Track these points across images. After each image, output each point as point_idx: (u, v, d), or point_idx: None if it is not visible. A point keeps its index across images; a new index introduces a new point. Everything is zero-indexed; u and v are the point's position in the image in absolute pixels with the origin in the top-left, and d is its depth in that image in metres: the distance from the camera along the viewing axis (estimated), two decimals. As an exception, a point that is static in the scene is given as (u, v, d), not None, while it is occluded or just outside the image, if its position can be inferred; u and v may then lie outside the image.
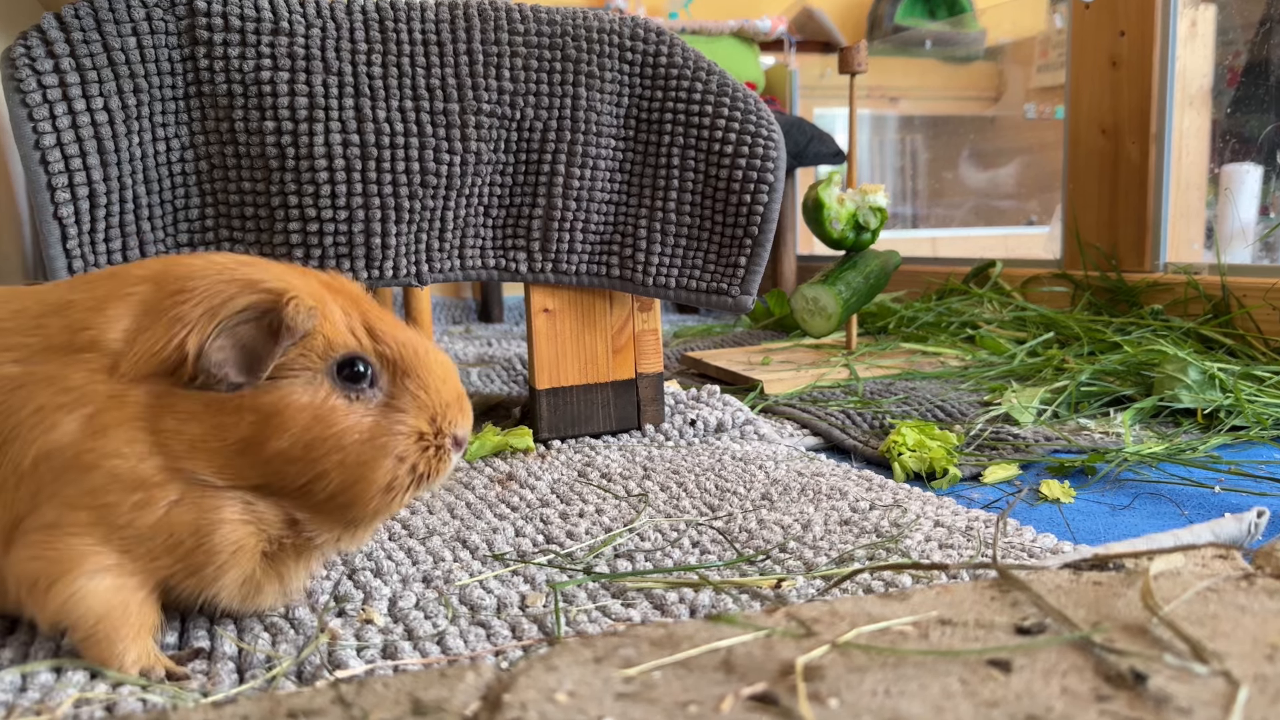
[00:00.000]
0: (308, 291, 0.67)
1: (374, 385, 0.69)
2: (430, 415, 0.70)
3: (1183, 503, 1.08)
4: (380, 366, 0.70)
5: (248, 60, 1.11)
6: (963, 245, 3.59)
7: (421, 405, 0.70)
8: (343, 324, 0.69)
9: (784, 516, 0.99)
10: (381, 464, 0.68)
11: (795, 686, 0.56)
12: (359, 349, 0.69)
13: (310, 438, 0.66)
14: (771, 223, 1.30)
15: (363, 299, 0.73)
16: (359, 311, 0.71)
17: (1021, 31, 3.87)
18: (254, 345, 0.64)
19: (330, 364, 0.67)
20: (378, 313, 0.72)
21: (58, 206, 1.03)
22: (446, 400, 0.71)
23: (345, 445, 0.66)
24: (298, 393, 0.66)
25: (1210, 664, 0.58)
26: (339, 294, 0.71)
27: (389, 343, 0.70)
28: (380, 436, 0.68)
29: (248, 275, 0.67)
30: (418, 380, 0.70)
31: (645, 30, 1.29)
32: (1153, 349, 1.59)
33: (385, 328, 0.71)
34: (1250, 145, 2.17)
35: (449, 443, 0.71)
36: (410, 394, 0.70)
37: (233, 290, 0.65)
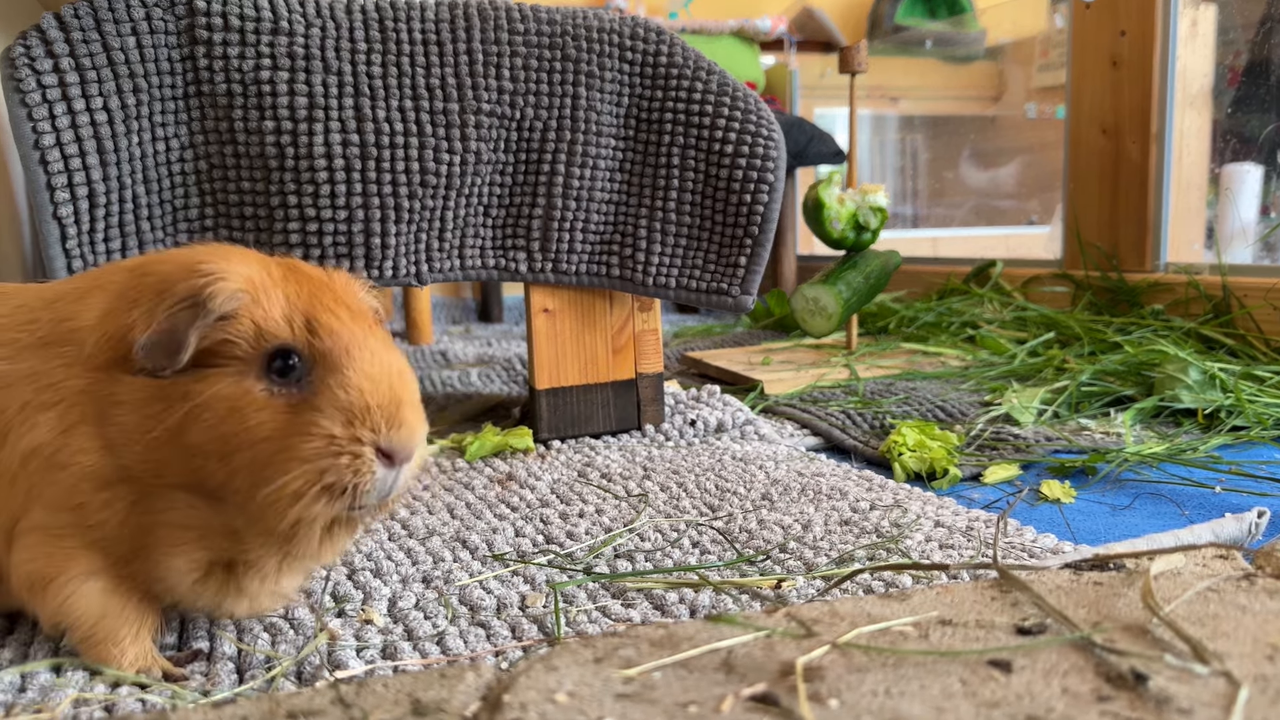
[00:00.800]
0: (244, 277, 0.64)
1: (301, 381, 0.64)
2: (347, 418, 0.63)
3: (1183, 503, 1.08)
4: (311, 361, 0.64)
5: (247, 60, 1.11)
6: (963, 245, 3.58)
7: (339, 406, 0.63)
8: (280, 314, 0.64)
9: (784, 517, 0.99)
10: (284, 466, 0.61)
11: (795, 687, 0.56)
12: (290, 340, 0.64)
13: (223, 430, 0.62)
14: (772, 222, 1.30)
15: (325, 290, 0.68)
16: (308, 302, 0.66)
17: (1022, 31, 3.87)
18: (180, 329, 0.61)
19: (260, 355, 0.63)
20: (331, 304, 0.66)
21: (57, 206, 1.03)
22: (371, 404, 0.63)
23: (254, 442, 0.62)
24: (222, 383, 0.62)
25: (1211, 664, 0.58)
26: (297, 284, 0.67)
27: (322, 335, 0.64)
28: (290, 436, 0.62)
29: (193, 261, 0.65)
30: (342, 378, 0.63)
31: (645, 30, 1.29)
32: (1153, 349, 1.59)
33: (327, 320, 0.65)
34: (1251, 145, 2.17)
35: (368, 452, 0.63)
36: (330, 393, 0.63)
37: (179, 275, 0.64)
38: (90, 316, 0.65)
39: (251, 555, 0.66)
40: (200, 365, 0.62)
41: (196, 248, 0.69)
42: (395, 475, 0.64)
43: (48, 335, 0.66)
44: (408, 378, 0.67)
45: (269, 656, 0.70)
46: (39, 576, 0.64)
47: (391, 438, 0.63)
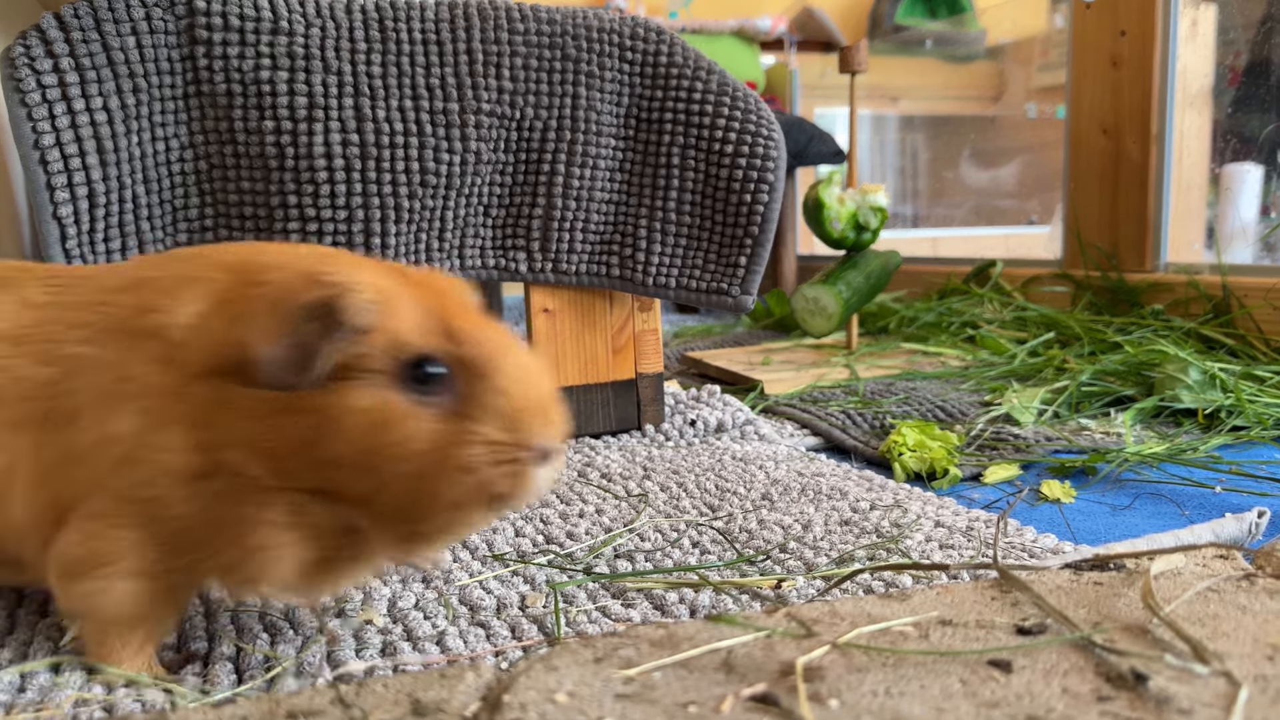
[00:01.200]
0: (374, 287, 0.62)
1: (447, 390, 0.62)
2: (505, 423, 0.62)
3: (1183, 503, 1.08)
4: (455, 369, 0.62)
5: (247, 60, 1.11)
6: (963, 245, 3.58)
7: (496, 411, 0.62)
8: (414, 322, 0.62)
9: (784, 517, 0.99)
10: (448, 476, 0.60)
11: (795, 687, 0.56)
12: (430, 349, 0.62)
13: (369, 445, 0.60)
14: (772, 222, 1.30)
15: (450, 295, 0.66)
16: (440, 309, 0.64)
17: (1022, 31, 3.87)
18: (310, 344, 0.59)
19: (398, 366, 0.61)
20: (463, 311, 0.65)
21: (57, 206, 1.03)
22: (524, 406, 0.63)
23: (407, 455, 0.60)
24: (359, 396, 0.60)
25: (1211, 664, 0.58)
26: (423, 290, 0.65)
27: (464, 341, 0.63)
28: (448, 446, 0.60)
29: (316, 269, 0.63)
30: (493, 384, 0.62)
31: (645, 29, 1.29)
32: (1153, 349, 1.59)
33: (466, 327, 0.64)
34: (1251, 145, 2.17)
35: (528, 456, 0.62)
36: (484, 399, 0.62)
37: (300, 285, 0.61)
38: (184, 315, 0.63)
39: (378, 550, 0.65)
40: (330, 378, 0.60)
41: (303, 251, 0.67)
42: (549, 471, 0.65)
43: (128, 323, 0.64)
44: (546, 373, 0.67)
45: (268, 656, 0.70)
46: (81, 561, 0.63)
47: (548, 437, 0.63)
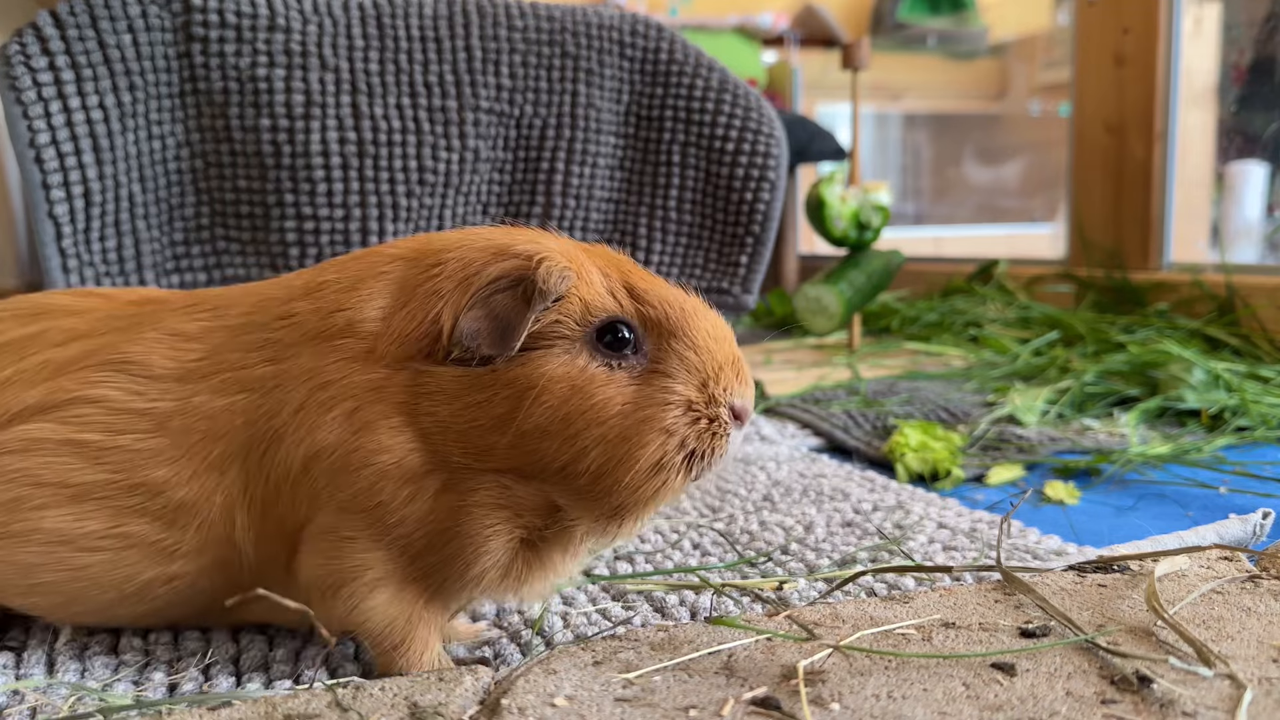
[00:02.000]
0: (562, 254, 0.62)
1: (638, 351, 0.62)
2: (701, 381, 0.62)
3: (1188, 504, 1.07)
4: (644, 330, 0.63)
5: (243, 57, 1.11)
6: (966, 243, 3.58)
7: (691, 369, 0.62)
8: (601, 286, 0.62)
9: (785, 518, 0.99)
10: (646, 438, 0.60)
11: (797, 690, 0.56)
12: (619, 312, 0.62)
13: (567, 411, 0.60)
14: (773, 221, 1.30)
15: (623, 261, 0.66)
16: (619, 273, 0.64)
17: (1025, 28, 3.86)
18: (506, 314, 0.59)
19: (589, 331, 0.61)
20: (640, 273, 0.65)
21: (52, 205, 1.03)
22: (720, 363, 0.63)
23: (606, 418, 0.60)
24: (554, 363, 0.60)
25: (1215, 667, 0.57)
26: (597, 257, 0.65)
27: (652, 303, 0.63)
28: (645, 407, 0.60)
29: (500, 242, 0.63)
30: (686, 341, 0.62)
31: (645, 26, 1.28)
32: (1157, 349, 1.58)
33: (649, 287, 0.64)
34: (1255, 143, 2.16)
35: (724, 414, 0.62)
36: (678, 358, 0.62)
37: (484, 259, 0.61)
38: (371, 309, 0.62)
39: (566, 529, 0.64)
40: (524, 348, 0.60)
41: (470, 230, 0.67)
42: (741, 435, 0.64)
43: (315, 330, 0.63)
44: (730, 332, 0.66)
45: (266, 659, 0.69)
46: (328, 582, 0.62)
47: (743, 394, 0.63)
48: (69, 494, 0.64)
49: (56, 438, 0.65)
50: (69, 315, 0.70)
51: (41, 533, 0.64)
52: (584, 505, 0.62)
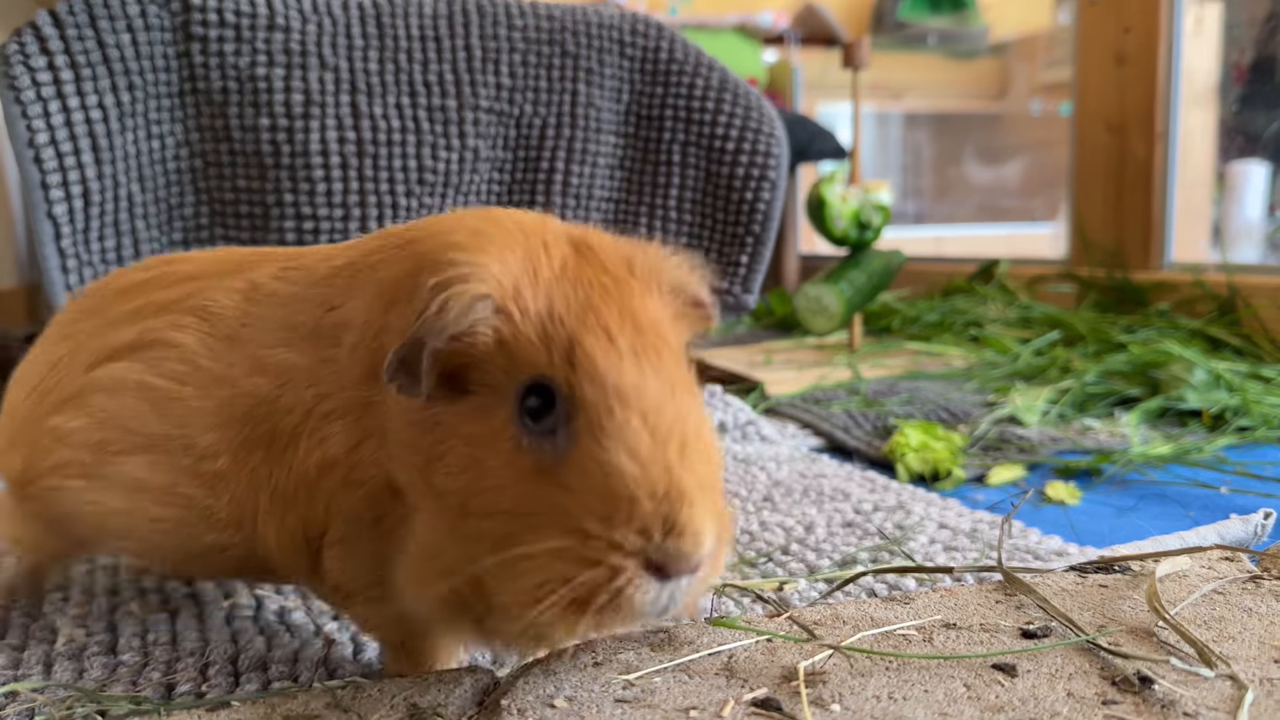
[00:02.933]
0: (494, 277, 0.49)
1: (557, 432, 0.48)
2: (604, 510, 0.46)
3: (1189, 504, 1.07)
4: (572, 405, 0.48)
5: (243, 56, 1.11)
6: (967, 243, 3.58)
7: (594, 490, 0.47)
8: (536, 331, 0.49)
9: (786, 518, 0.98)
10: (524, 562, 0.47)
11: (798, 691, 0.55)
12: (548, 370, 0.48)
13: (462, 484, 0.49)
14: (773, 220, 1.30)
15: (610, 293, 0.50)
16: (579, 315, 0.49)
17: (1026, 27, 3.86)
18: (418, 345, 0.48)
19: (519, 387, 0.49)
20: (612, 319, 0.49)
21: (51, 205, 1.03)
22: (641, 494, 0.46)
23: (491, 510, 0.48)
24: (464, 417, 0.49)
25: (1217, 667, 0.57)
26: (574, 284, 0.50)
27: (581, 372, 0.48)
28: (530, 513, 0.47)
29: (450, 244, 0.52)
30: (600, 448, 0.47)
31: (645, 25, 1.28)
32: (1158, 349, 1.58)
33: (594, 349, 0.48)
34: (1257, 143, 2.16)
35: (632, 565, 0.46)
36: (585, 467, 0.47)
37: (429, 265, 0.51)
38: (356, 310, 0.55)
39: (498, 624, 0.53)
40: (456, 387, 0.50)
41: (468, 216, 0.56)
42: (673, 590, 0.48)
43: (315, 326, 0.57)
44: (697, 449, 0.49)
45: (265, 660, 0.69)
46: (344, 589, 0.59)
47: (666, 547, 0.46)
48: (142, 442, 0.61)
49: (135, 378, 0.61)
50: (186, 262, 0.67)
51: (124, 479, 0.61)
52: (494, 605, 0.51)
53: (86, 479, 0.63)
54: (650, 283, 0.53)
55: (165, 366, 0.61)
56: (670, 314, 0.54)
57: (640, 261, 0.53)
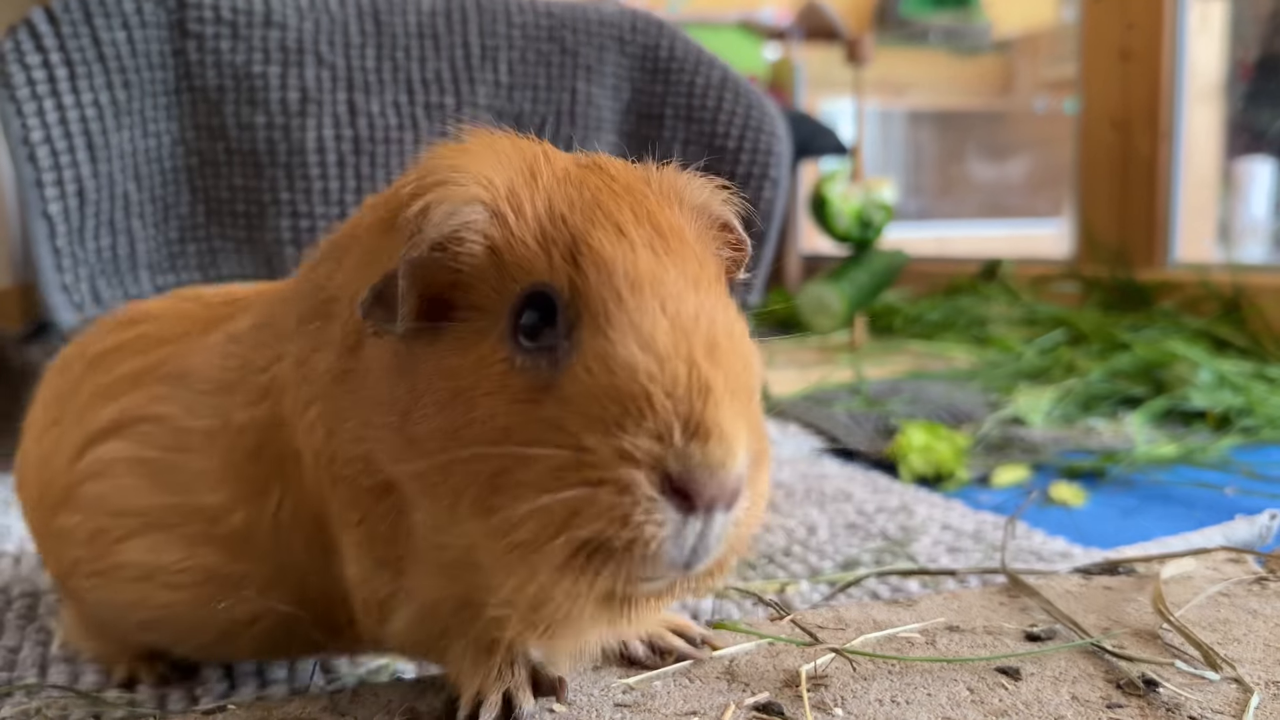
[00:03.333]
0: (482, 180, 0.43)
1: (556, 347, 0.41)
2: (606, 417, 0.38)
3: (1194, 505, 1.07)
4: (576, 311, 0.41)
5: (239, 54, 1.10)
6: (970, 241, 3.57)
7: (594, 393, 0.39)
8: (533, 234, 0.42)
9: (788, 520, 0.98)
10: (512, 493, 0.40)
11: (800, 695, 0.55)
12: (547, 276, 0.41)
13: (443, 424, 0.42)
14: (775, 218, 1.29)
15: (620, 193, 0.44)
16: (585, 213, 0.43)
17: (1030, 24, 3.86)
18: (394, 267, 0.43)
19: (513, 303, 0.42)
20: (622, 215, 0.43)
21: (46, 203, 1.02)
22: (655, 390, 0.38)
23: (482, 443, 0.40)
24: (448, 347, 0.43)
25: (1222, 670, 0.57)
26: (576, 186, 0.44)
27: (586, 266, 0.41)
28: (523, 440, 0.40)
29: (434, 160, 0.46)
30: (604, 344, 0.39)
31: (645, 22, 1.28)
32: (1163, 349, 1.57)
33: (601, 242, 0.41)
34: (1263, 140, 2.15)
35: (644, 482, 0.38)
36: (585, 369, 0.39)
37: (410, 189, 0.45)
38: (345, 278, 0.49)
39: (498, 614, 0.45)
40: (436, 319, 0.43)
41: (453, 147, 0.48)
42: (705, 529, 0.39)
43: (306, 310, 0.51)
44: (729, 350, 0.41)
45: (259, 663, 0.69)
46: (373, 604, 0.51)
47: (689, 456, 0.38)
48: (141, 523, 0.56)
49: (124, 456, 0.57)
50: (157, 321, 0.62)
51: (129, 567, 0.57)
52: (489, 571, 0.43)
53: (94, 575, 0.59)
54: (669, 197, 0.46)
55: (154, 440, 0.56)
56: (691, 230, 0.45)
57: (657, 177, 0.47)
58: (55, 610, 0.77)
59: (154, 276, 1.10)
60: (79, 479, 0.59)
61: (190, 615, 0.56)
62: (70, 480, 0.59)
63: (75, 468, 0.59)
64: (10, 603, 0.79)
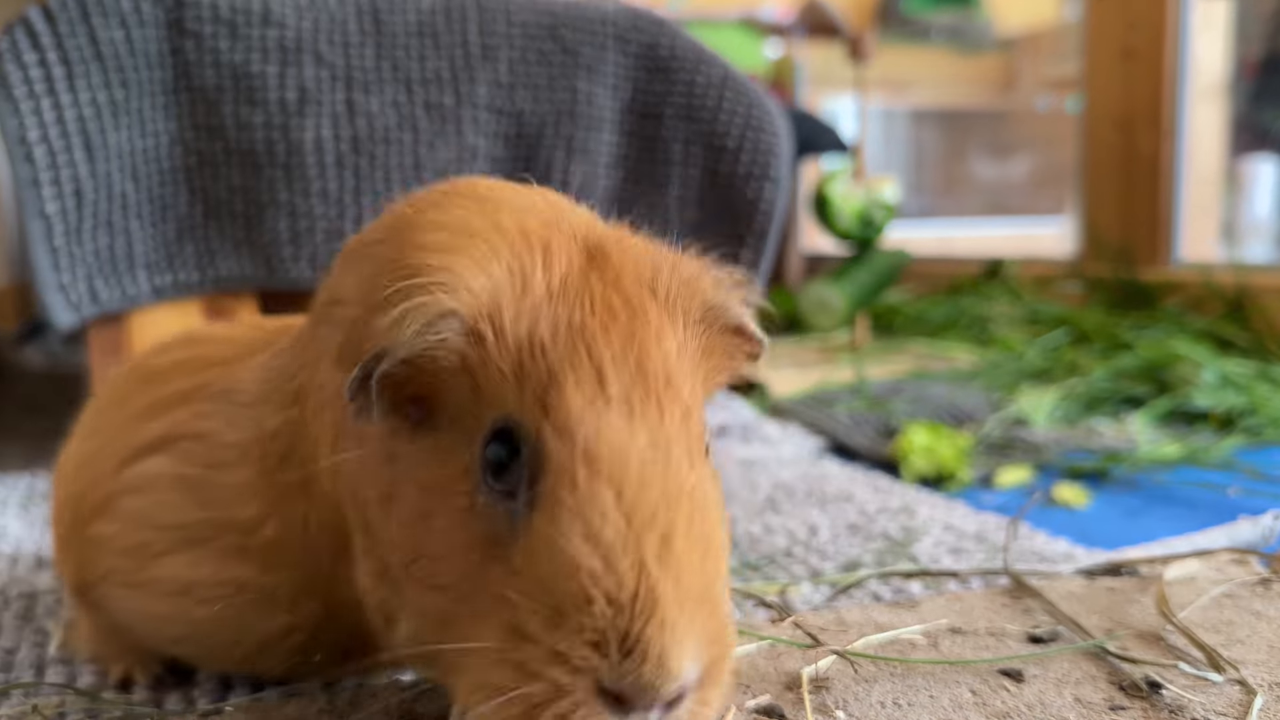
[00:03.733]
0: (471, 290, 0.40)
1: (517, 494, 0.39)
2: (550, 611, 0.37)
3: (1198, 506, 1.06)
4: (539, 462, 0.39)
5: (237, 53, 1.10)
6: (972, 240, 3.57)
7: (541, 582, 0.37)
8: (510, 364, 0.40)
9: (789, 521, 0.98)
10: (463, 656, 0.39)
11: (801, 698, 0.55)
12: (518, 414, 0.39)
13: (412, 541, 0.41)
14: (776, 217, 1.29)
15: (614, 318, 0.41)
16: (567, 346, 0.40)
17: (1032, 22, 3.86)
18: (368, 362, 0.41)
19: (481, 428, 0.40)
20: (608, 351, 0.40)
21: (44, 203, 1.02)
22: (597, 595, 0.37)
23: (436, 583, 0.40)
24: (428, 459, 0.41)
25: (1226, 672, 0.57)
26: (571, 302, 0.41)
27: (552, 420, 0.39)
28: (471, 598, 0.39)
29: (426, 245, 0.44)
30: (555, 526, 0.38)
31: (645, 19, 1.27)
32: (1167, 349, 1.57)
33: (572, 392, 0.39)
34: (1267, 139, 2.15)
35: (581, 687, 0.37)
36: (537, 549, 0.38)
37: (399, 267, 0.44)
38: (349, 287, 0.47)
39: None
40: (421, 418, 0.42)
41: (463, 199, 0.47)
42: None
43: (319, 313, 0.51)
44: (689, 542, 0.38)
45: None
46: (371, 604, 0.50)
47: (624, 675, 0.36)
48: (181, 537, 0.56)
49: (168, 472, 0.57)
50: (214, 343, 0.63)
51: (167, 581, 0.57)
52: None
53: (130, 587, 0.59)
54: (675, 307, 0.43)
55: (196, 456, 0.57)
56: (694, 352, 0.44)
57: (667, 278, 0.43)
58: (54, 611, 0.77)
59: (152, 276, 1.10)
60: (121, 490, 0.59)
61: (225, 630, 0.56)
62: (112, 490, 0.60)
63: (118, 478, 0.60)
64: (8, 603, 0.79)
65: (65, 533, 0.65)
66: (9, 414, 1.57)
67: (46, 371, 2.01)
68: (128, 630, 0.63)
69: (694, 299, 0.44)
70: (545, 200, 0.48)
